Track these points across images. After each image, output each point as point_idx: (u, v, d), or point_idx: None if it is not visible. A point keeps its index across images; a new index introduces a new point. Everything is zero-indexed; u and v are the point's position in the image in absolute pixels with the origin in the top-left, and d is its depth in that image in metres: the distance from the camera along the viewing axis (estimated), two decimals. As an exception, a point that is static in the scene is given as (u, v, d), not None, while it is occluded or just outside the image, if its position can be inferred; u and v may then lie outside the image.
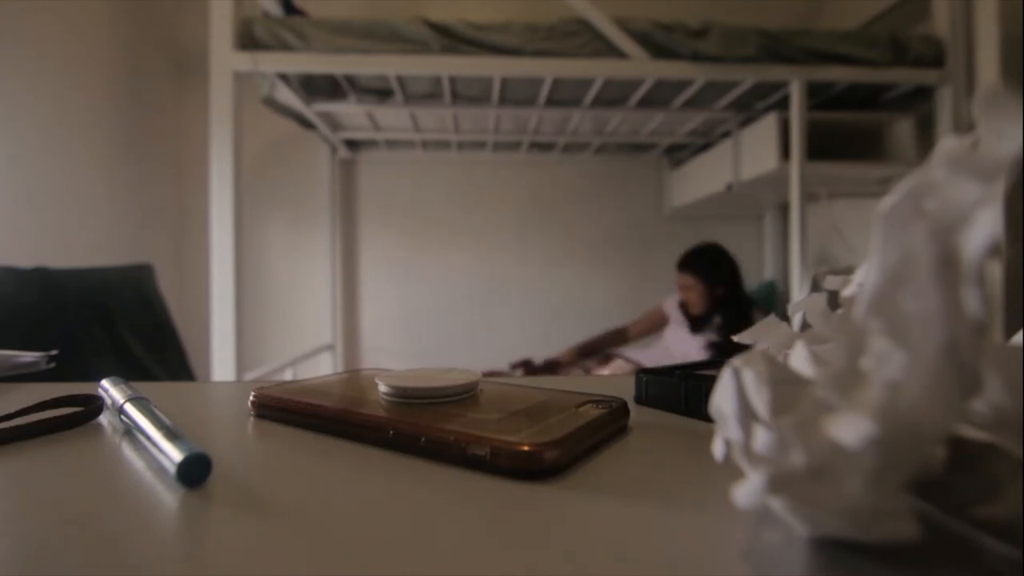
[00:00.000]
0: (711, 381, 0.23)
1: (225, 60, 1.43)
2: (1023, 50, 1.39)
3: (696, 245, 1.87)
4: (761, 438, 0.13)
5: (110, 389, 0.28)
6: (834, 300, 0.21)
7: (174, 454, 0.19)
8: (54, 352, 0.42)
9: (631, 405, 0.28)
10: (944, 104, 1.59)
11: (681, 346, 1.85)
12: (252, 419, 0.29)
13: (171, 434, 0.21)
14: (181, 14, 2.14)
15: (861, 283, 0.19)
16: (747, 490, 0.13)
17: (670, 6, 1.74)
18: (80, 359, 1.03)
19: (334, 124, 2.10)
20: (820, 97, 1.73)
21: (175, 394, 0.35)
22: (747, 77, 1.58)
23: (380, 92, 1.80)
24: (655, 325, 2.05)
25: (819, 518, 0.13)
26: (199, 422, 0.28)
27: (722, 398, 0.15)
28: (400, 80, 1.66)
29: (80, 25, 1.70)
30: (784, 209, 2.19)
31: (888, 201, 0.13)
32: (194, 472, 0.19)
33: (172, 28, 2.17)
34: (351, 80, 1.70)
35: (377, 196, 2.49)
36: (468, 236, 2.49)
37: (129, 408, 0.25)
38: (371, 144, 2.39)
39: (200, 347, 1.54)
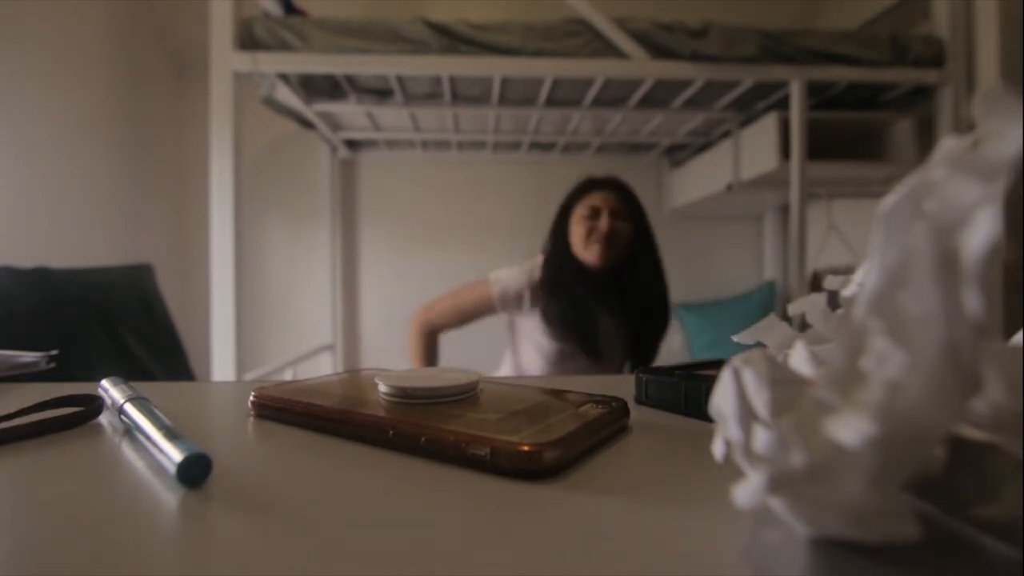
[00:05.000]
0: (711, 381, 0.23)
1: (225, 60, 1.43)
2: (1023, 50, 1.39)
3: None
4: (761, 438, 0.13)
5: (110, 389, 0.28)
6: (834, 300, 0.21)
7: (174, 454, 0.19)
8: (54, 352, 0.42)
9: (631, 405, 0.28)
10: (944, 104, 1.59)
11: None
12: (252, 419, 0.28)
13: (171, 434, 0.21)
14: (181, 14, 2.14)
15: (861, 283, 0.19)
16: (747, 490, 0.13)
17: (670, 6, 1.74)
18: (80, 359, 1.03)
19: (334, 124, 2.10)
20: (820, 97, 1.73)
21: (175, 394, 0.35)
22: (747, 77, 1.58)
23: (380, 92, 1.80)
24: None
25: (819, 518, 0.13)
26: (199, 422, 0.28)
27: (722, 398, 0.15)
28: (400, 80, 1.65)
29: (80, 25, 1.70)
30: (784, 209, 2.19)
31: (888, 201, 0.13)
32: (194, 472, 0.19)
33: (172, 28, 2.16)
34: (351, 80, 1.70)
35: (377, 196, 2.49)
36: (468, 236, 2.49)
37: (129, 408, 0.25)
38: (371, 144, 2.39)
39: (200, 347, 1.54)
